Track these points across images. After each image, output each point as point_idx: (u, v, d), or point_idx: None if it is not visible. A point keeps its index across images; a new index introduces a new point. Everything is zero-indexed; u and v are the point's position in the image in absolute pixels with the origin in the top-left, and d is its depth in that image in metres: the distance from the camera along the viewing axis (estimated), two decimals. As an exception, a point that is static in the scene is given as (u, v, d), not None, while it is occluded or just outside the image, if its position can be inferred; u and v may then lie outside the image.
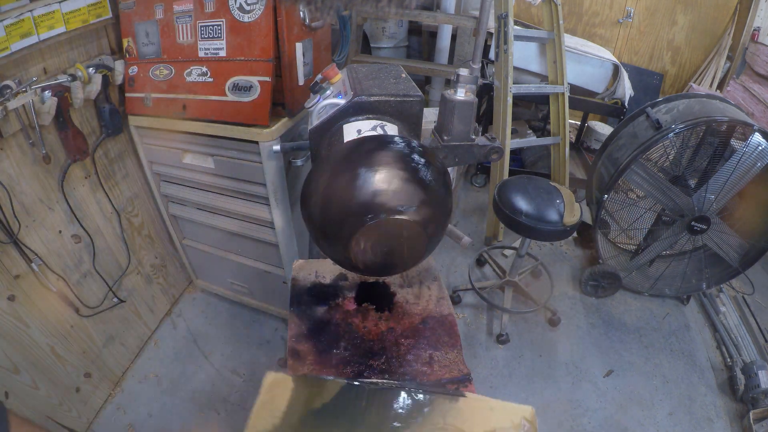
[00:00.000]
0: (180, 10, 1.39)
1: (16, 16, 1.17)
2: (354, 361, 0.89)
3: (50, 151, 1.38)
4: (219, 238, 1.89)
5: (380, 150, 0.77)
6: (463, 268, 2.54)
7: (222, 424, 1.73)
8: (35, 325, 1.42)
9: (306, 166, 1.58)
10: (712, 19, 3.39)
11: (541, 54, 2.72)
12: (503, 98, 2.44)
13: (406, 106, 0.93)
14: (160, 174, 1.79)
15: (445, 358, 0.91)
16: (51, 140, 1.39)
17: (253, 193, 1.60)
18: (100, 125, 1.56)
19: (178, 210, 1.88)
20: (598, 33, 3.64)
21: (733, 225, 2.18)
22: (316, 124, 0.96)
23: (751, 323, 2.24)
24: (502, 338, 2.09)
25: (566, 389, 1.94)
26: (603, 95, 2.91)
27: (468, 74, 0.91)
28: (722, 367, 2.08)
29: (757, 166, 1.89)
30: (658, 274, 2.37)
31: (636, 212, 2.21)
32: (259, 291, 2.04)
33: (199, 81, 1.43)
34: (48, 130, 1.37)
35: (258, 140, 1.42)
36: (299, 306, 1.01)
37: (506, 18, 2.31)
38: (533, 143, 2.86)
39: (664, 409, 1.88)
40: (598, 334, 2.22)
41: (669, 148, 2.03)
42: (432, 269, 1.13)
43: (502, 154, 1.03)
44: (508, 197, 1.80)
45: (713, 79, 3.38)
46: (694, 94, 2.35)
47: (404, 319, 0.99)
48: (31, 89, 1.22)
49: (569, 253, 2.73)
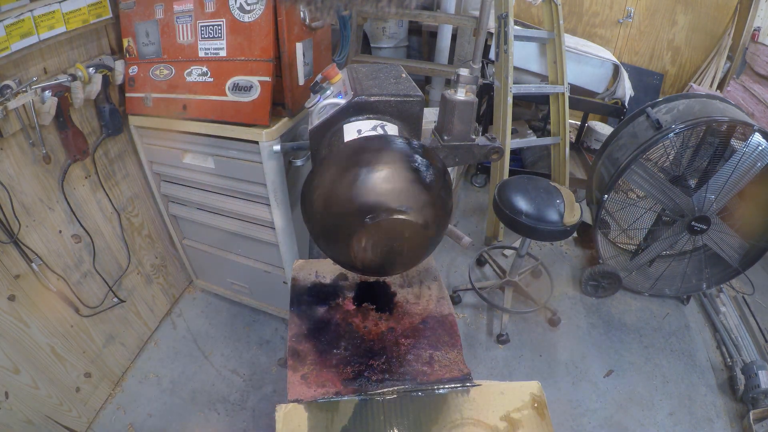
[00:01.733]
0: (180, 10, 1.39)
1: (16, 15, 1.17)
2: (354, 361, 0.89)
3: (50, 150, 1.38)
4: (219, 238, 1.89)
5: (380, 150, 0.77)
6: (463, 268, 2.54)
7: (222, 424, 1.73)
8: (35, 324, 1.42)
9: (306, 166, 1.58)
10: (712, 19, 3.39)
11: (541, 54, 2.72)
12: (503, 98, 2.44)
13: (406, 106, 0.93)
14: (160, 174, 1.79)
15: (445, 358, 0.91)
16: (51, 140, 1.39)
17: (253, 193, 1.60)
18: (100, 125, 1.56)
19: (178, 210, 1.88)
20: (598, 33, 3.64)
21: (734, 225, 2.18)
22: (316, 124, 0.96)
23: (751, 323, 2.24)
24: (502, 338, 2.09)
25: (566, 389, 1.94)
26: (603, 95, 2.91)
27: (468, 74, 0.91)
28: (722, 367, 2.08)
29: (757, 166, 1.89)
30: (658, 274, 2.37)
31: (636, 212, 2.21)
32: (259, 291, 2.04)
33: (199, 81, 1.43)
34: (48, 130, 1.37)
35: (258, 140, 1.42)
36: (299, 306, 1.01)
37: (506, 18, 2.31)
38: (533, 143, 2.86)
39: (664, 409, 1.88)
40: (598, 334, 2.22)
41: (669, 148, 2.03)
42: (432, 269, 1.13)
43: (502, 154, 1.03)
44: (509, 197, 1.80)
45: (713, 79, 3.38)
46: (694, 94, 2.35)
47: (404, 319, 0.99)
48: (31, 89, 1.22)
49: (569, 253, 2.73)
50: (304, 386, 0.84)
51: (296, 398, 0.82)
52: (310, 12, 1.34)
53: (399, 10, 2.76)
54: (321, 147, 0.95)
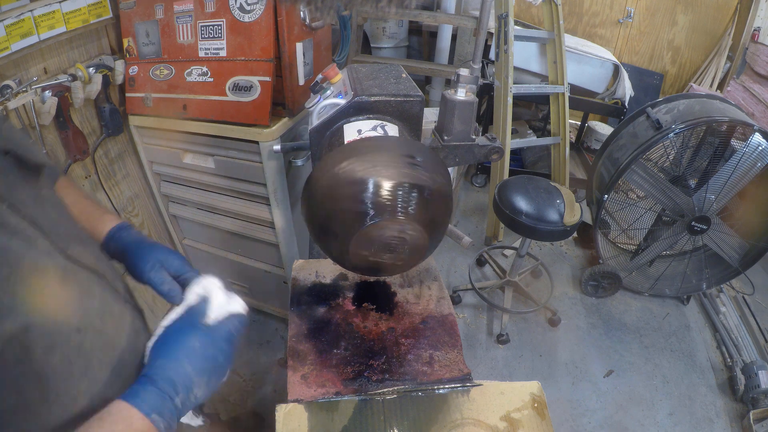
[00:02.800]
0: (180, 9, 1.39)
1: (16, 15, 1.17)
2: (354, 361, 0.89)
3: (50, 150, 1.38)
4: (219, 238, 1.89)
5: (380, 150, 0.77)
6: (463, 268, 2.54)
7: (222, 424, 1.73)
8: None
9: (306, 166, 1.58)
10: (713, 19, 3.39)
11: (541, 54, 2.72)
12: (503, 98, 2.44)
13: (406, 106, 0.93)
14: (161, 174, 1.79)
15: (445, 358, 0.91)
16: (51, 140, 1.39)
17: (254, 193, 1.60)
18: (100, 125, 1.56)
19: (179, 210, 1.88)
20: (598, 33, 3.64)
21: (734, 225, 2.18)
22: (316, 124, 0.96)
23: (752, 323, 2.24)
24: (502, 338, 2.09)
25: (566, 389, 1.94)
26: (603, 95, 2.91)
27: (468, 74, 0.91)
28: (722, 368, 2.08)
29: (757, 167, 1.89)
30: (658, 274, 2.37)
31: (636, 212, 2.21)
32: (259, 291, 2.04)
33: (199, 81, 1.43)
34: (48, 130, 1.37)
35: (258, 140, 1.42)
36: (299, 306, 1.01)
37: (506, 18, 2.31)
38: (533, 143, 2.86)
39: (665, 409, 1.88)
40: (599, 334, 2.22)
41: (669, 148, 2.03)
42: (432, 269, 1.13)
43: (503, 154, 1.03)
44: (509, 197, 1.80)
45: (713, 80, 3.38)
46: (694, 94, 2.35)
47: (404, 319, 0.99)
48: (31, 89, 1.22)
49: (569, 253, 2.73)
50: (304, 386, 0.84)
51: (296, 398, 0.82)
52: (310, 12, 1.33)
53: (399, 10, 2.76)
54: (321, 147, 0.95)
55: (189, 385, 0.53)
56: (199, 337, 0.57)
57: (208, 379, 0.55)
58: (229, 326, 0.60)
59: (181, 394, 0.52)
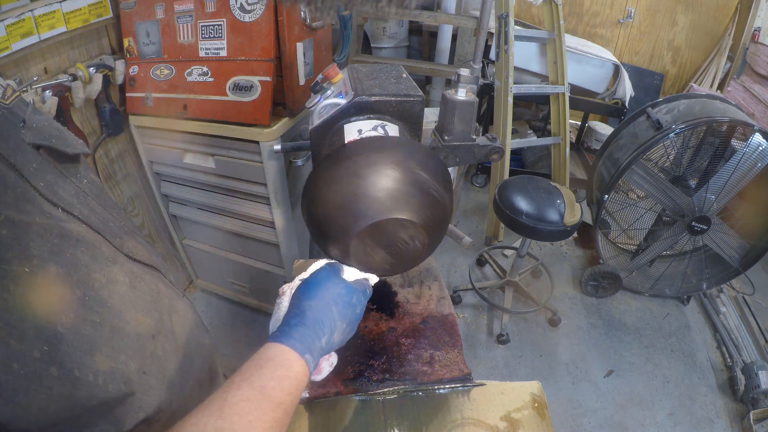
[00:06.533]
0: (181, 9, 1.39)
1: (16, 15, 1.17)
2: (354, 360, 0.89)
3: (51, 150, 1.38)
4: (219, 238, 1.89)
5: (381, 150, 0.77)
6: (463, 268, 2.54)
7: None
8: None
9: (306, 166, 1.58)
10: (713, 19, 3.39)
11: (541, 54, 2.72)
12: (504, 98, 2.44)
13: (407, 106, 0.93)
14: (161, 174, 1.79)
15: (445, 358, 0.91)
16: (51, 140, 1.39)
17: (254, 192, 1.60)
18: (100, 125, 1.56)
19: (179, 210, 1.88)
20: (598, 33, 3.64)
21: (734, 225, 2.18)
22: (316, 124, 0.95)
23: (752, 323, 2.24)
24: (503, 338, 2.09)
25: (566, 389, 1.94)
26: (603, 95, 2.91)
27: (469, 74, 0.91)
28: (722, 368, 2.08)
29: (757, 167, 1.89)
30: (658, 274, 2.37)
31: (636, 212, 2.21)
32: (260, 291, 2.04)
33: (199, 81, 1.43)
34: (48, 130, 1.37)
35: (258, 140, 1.42)
36: (300, 306, 1.01)
37: (507, 18, 2.31)
38: (534, 143, 2.86)
39: (665, 409, 1.88)
40: (599, 334, 2.22)
41: (669, 149, 2.03)
42: (432, 269, 1.12)
43: (503, 154, 1.03)
44: (509, 197, 1.80)
45: (714, 80, 3.38)
46: (694, 94, 2.35)
47: (405, 319, 0.99)
48: (31, 89, 1.22)
49: (569, 253, 2.73)
50: (304, 386, 0.84)
51: None
52: (310, 12, 1.33)
53: (399, 10, 2.76)
54: (321, 147, 0.95)
55: (333, 327, 0.55)
56: (343, 284, 0.61)
57: (346, 326, 0.58)
58: (364, 284, 0.65)
59: (326, 335, 0.54)
